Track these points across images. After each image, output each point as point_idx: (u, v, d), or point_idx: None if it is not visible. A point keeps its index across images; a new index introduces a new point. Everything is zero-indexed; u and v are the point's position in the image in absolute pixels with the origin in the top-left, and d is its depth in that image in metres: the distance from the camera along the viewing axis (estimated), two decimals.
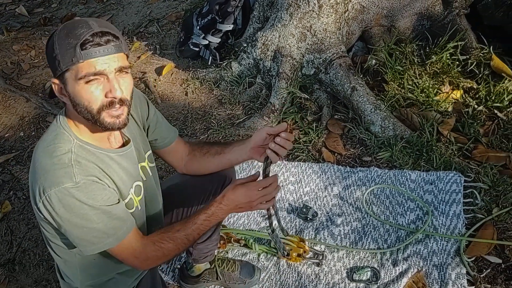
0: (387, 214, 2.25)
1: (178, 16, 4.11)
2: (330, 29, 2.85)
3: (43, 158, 1.25)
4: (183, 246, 1.41)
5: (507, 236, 2.04)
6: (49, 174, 1.22)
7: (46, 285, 2.18)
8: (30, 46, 4.20)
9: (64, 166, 1.23)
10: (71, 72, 1.19)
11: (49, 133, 1.31)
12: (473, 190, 2.25)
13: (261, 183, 1.41)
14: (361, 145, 2.65)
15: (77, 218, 1.24)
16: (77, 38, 1.16)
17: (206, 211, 1.42)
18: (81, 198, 1.22)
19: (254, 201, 1.41)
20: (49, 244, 1.43)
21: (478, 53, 2.84)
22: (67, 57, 1.17)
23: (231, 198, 1.41)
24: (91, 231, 1.27)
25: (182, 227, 1.40)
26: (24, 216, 2.54)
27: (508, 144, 2.45)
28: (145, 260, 1.38)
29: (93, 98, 1.22)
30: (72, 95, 1.23)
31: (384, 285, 1.94)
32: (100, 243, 1.29)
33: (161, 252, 1.37)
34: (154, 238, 1.39)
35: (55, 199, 1.21)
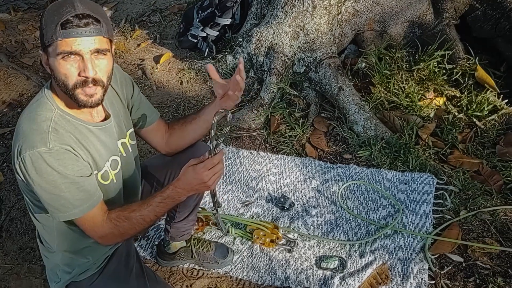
0: (360, 209, 2.35)
1: (180, 7, 4.22)
2: (322, 29, 2.95)
3: (24, 123, 1.34)
4: (139, 226, 1.46)
5: (471, 238, 2.14)
6: (27, 138, 1.30)
7: (30, 252, 2.28)
8: (35, 27, 4.30)
9: (41, 132, 1.31)
10: (52, 47, 1.28)
11: (33, 101, 1.40)
12: (444, 192, 2.34)
13: (207, 163, 1.41)
14: (343, 143, 2.75)
15: (46, 184, 1.32)
16: (59, 17, 1.24)
17: (162, 193, 1.47)
18: (52, 163, 1.30)
19: (207, 181, 1.42)
20: (29, 208, 1.52)
21: (464, 63, 2.94)
22: (49, 33, 1.26)
23: (184, 181, 1.45)
24: (58, 198, 1.35)
25: (138, 208, 1.46)
26: (15, 187, 2.64)
27: (483, 151, 2.55)
28: (103, 236, 1.45)
29: (68, 74, 1.30)
30: (52, 68, 1.32)
31: (349, 274, 2.03)
32: (66, 212, 1.37)
33: (117, 230, 1.44)
34: (111, 216, 1.45)
35: (28, 161, 1.29)
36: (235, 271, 2.10)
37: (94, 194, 1.42)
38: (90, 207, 1.40)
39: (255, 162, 2.67)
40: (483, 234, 2.15)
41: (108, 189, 1.53)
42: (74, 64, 1.30)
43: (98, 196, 1.43)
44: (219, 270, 2.11)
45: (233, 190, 2.52)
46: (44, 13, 1.30)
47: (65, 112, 1.39)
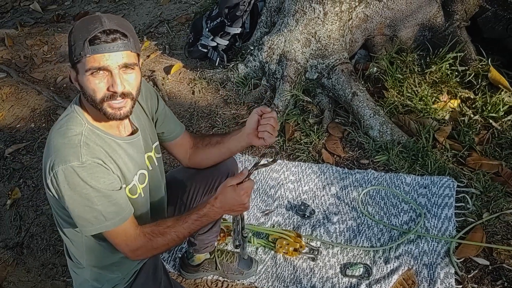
0: (381, 215, 2.34)
1: (188, 18, 4.23)
2: (334, 36, 2.96)
3: (55, 138, 1.36)
4: (172, 242, 1.47)
5: (496, 240, 2.13)
6: (59, 153, 1.32)
7: (52, 268, 2.27)
8: (43, 41, 4.32)
9: (73, 146, 1.33)
10: (81, 64, 1.30)
11: (63, 116, 1.42)
12: (465, 195, 2.33)
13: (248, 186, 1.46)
14: (360, 148, 2.74)
15: (79, 197, 1.32)
16: (88, 33, 1.26)
17: (198, 211, 1.48)
18: (85, 177, 1.31)
19: (246, 202, 1.47)
20: (58, 224, 1.52)
21: (477, 65, 2.93)
22: (77, 50, 1.28)
23: (222, 201, 1.46)
24: (91, 211, 1.35)
25: (173, 224, 1.46)
26: (33, 203, 2.64)
27: (502, 153, 2.54)
28: (135, 250, 1.45)
29: (96, 89, 1.31)
30: (81, 84, 1.33)
31: (376, 281, 2.03)
32: (98, 225, 1.37)
33: (150, 244, 1.44)
34: (145, 230, 1.45)
35: (61, 176, 1.30)
36: (260, 282, 2.10)
37: (126, 208, 1.43)
38: (122, 220, 1.41)
39: (273, 170, 2.67)
40: (508, 236, 2.14)
41: (136, 203, 1.53)
42: (103, 79, 1.31)
43: (129, 209, 1.44)
44: (243, 281, 2.10)
45: (252, 199, 2.51)
46: (72, 30, 1.32)
47: (95, 127, 1.40)
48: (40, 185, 2.76)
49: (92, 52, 1.27)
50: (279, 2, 3.28)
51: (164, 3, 4.68)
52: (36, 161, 2.95)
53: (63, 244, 2.29)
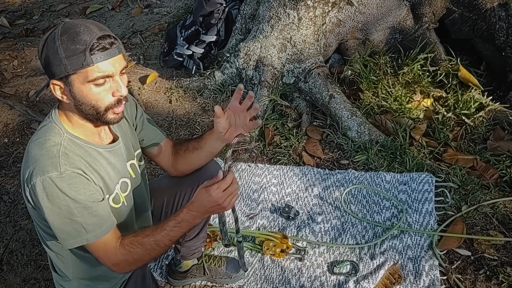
0: (364, 212, 2.38)
1: (161, 28, 4.23)
2: (309, 40, 3.01)
3: (33, 149, 1.31)
4: (153, 252, 1.41)
5: (476, 231, 2.20)
6: (37, 163, 1.27)
7: (35, 283, 2.21)
8: (13, 56, 4.23)
9: (51, 156, 1.29)
10: (79, 75, 1.26)
11: (41, 127, 1.38)
12: (443, 189, 2.40)
13: (221, 184, 1.38)
14: (339, 149, 2.79)
15: (58, 209, 1.28)
16: (84, 44, 1.23)
17: (176, 217, 1.42)
18: (63, 188, 1.27)
19: (222, 203, 1.39)
20: (41, 236, 1.48)
21: (447, 65, 3.04)
22: (75, 61, 1.23)
23: (198, 203, 1.41)
24: (71, 223, 1.31)
25: (151, 233, 1.41)
26: (10, 218, 2.57)
27: (475, 147, 2.63)
28: (116, 264, 1.40)
29: (100, 98, 1.30)
30: (78, 96, 1.29)
31: (363, 277, 2.05)
32: (78, 237, 1.33)
33: (131, 256, 1.39)
34: (124, 242, 1.40)
35: (39, 187, 1.26)
36: (249, 285, 2.09)
37: (108, 220, 1.38)
38: (103, 233, 1.36)
39: (254, 174, 2.68)
40: (487, 227, 2.21)
41: (120, 213, 1.51)
42: (106, 87, 1.30)
43: (112, 221, 1.40)
44: (232, 284, 2.10)
45: (236, 203, 2.51)
46: (55, 42, 1.24)
47: (74, 136, 1.37)
48: (17, 200, 2.69)
49: (95, 61, 1.24)
50: (253, 9, 3.33)
51: (135, 14, 4.66)
52: (11, 176, 2.88)
53: (47, 258, 2.24)
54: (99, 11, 4.95)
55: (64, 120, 1.37)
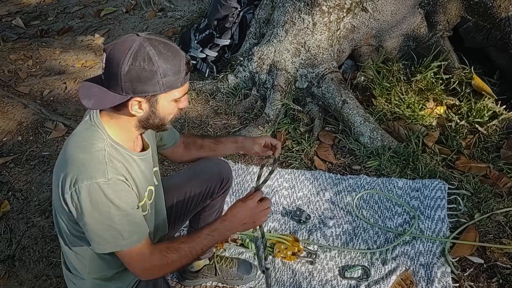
0: (376, 218, 2.38)
1: (174, 31, 4.26)
2: (323, 45, 3.02)
3: (77, 152, 1.32)
4: (186, 259, 1.44)
5: (488, 239, 2.18)
6: (83, 168, 1.28)
7: (46, 279, 2.22)
8: (27, 56, 4.28)
9: (98, 162, 1.30)
10: (168, 94, 1.32)
11: (82, 129, 1.38)
12: (456, 196, 2.39)
13: (255, 196, 1.47)
14: (351, 154, 2.79)
15: (99, 215, 1.30)
16: (178, 67, 1.29)
17: (210, 226, 1.47)
18: (109, 195, 1.28)
19: (255, 214, 1.47)
20: (64, 237, 1.48)
21: (460, 73, 3.03)
22: (171, 82, 1.29)
23: (232, 214, 1.46)
24: (109, 229, 1.32)
25: (186, 240, 1.45)
26: (23, 215, 2.59)
27: (488, 156, 2.62)
28: (149, 268, 1.41)
29: (172, 112, 1.39)
30: (159, 112, 1.35)
31: (374, 282, 2.05)
32: (114, 243, 1.35)
33: (165, 261, 1.41)
34: (160, 247, 1.43)
35: (84, 192, 1.27)
36: (260, 286, 2.09)
37: (143, 226, 1.41)
38: (139, 239, 1.38)
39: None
40: (499, 235, 2.20)
41: (146, 220, 1.51)
42: (180, 102, 1.39)
43: (145, 228, 1.42)
44: (243, 286, 2.09)
45: None
46: (153, 66, 1.26)
47: (115, 142, 1.38)
48: (30, 197, 2.71)
49: (186, 81, 1.34)
50: (268, 13, 3.35)
51: (149, 17, 4.71)
52: (25, 173, 2.90)
53: (58, 255, 2.27)
54: (113, 13, 5.01)
55: (108, 125, 1.38)
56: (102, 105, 1.31)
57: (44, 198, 2.69)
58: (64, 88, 3.72)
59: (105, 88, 1.30)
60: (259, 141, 1.80)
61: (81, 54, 4.24)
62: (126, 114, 1.35)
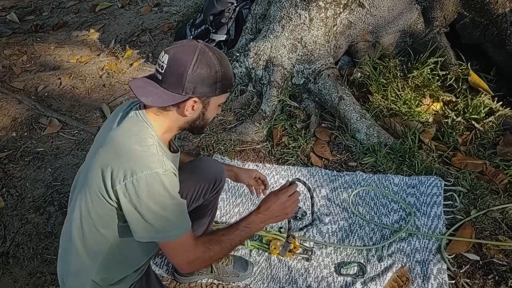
0: (372, 214, 2.37)
1: (170, 26, 4.24)
2: (319, 41, 3.01)
3: (131, 144, 1.37)
4: (226, 251, 1.51)
5: (484, 236, 2.18)
6: (141, 159, 1.34)
7: (40, 277, 2.21)
8: (22, 51, 4.25)
9: (154, 154, 1.36)
10: (219, 97, 1.46)
11: (132, 125, 1.43)
12: (452, 193, 2.39)
13: (289, 189, 1.61)
14: (347, 151, 2.78)
15: (155, 204, 1.35)
16: (231, 74, 1.46)
17: (247, 219, 1.56)
18: (166, 185, 1.35)
19: (287, 207, 1.59)
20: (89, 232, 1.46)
21: (457, 69, 3.03)
22: (225, 87, 1.44)
23: (266, 206, 1.57)
24: (162, 219, 1.37)
25: (226, 232, 1.52)
26: (17, 212, 2.57)
27: (485, 152, 2.62)
28: (193, 261, 1.45)
29: (213, 116, 1.53)
30: (207, 113, 1.48)
31: (370, 279, 2.04)
32: (164, 233, 1.39)
33: (208, 254, 1.46)
34: (203, 239, 1.48)
35: (143, 181, 1.32)
36: (256, 283, 2.08)
37: (188, 218, 1.46)
38: (185, 230, 1.42)
39: None
40: (496, 232, 2.20)
41: None
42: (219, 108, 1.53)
43: (189, 220, 1.46)
44: (239, 283, 2.09)
45: (243, 203, 2.51)
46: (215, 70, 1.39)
47: (160, 140, 1.45)
48: (24, 194, 2.69)
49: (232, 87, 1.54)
50: (264, 9, 3.33)
51: (145, 12, 4.67)
52: (19, 170, 2.88)
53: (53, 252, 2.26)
54: (109, 8, 4.97)
55: (156, 122, 1.44)
56: (162, 102, 1.38)
57: (39, 194, 2.67)
58: (59, 84, 3.69)
59: (162, 88, 1.38)
60: (252, 174, 1.97)
61: (76, 50, 4.21)
62: (176, 114, 1.43)
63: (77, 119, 3.29)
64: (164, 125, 1.45)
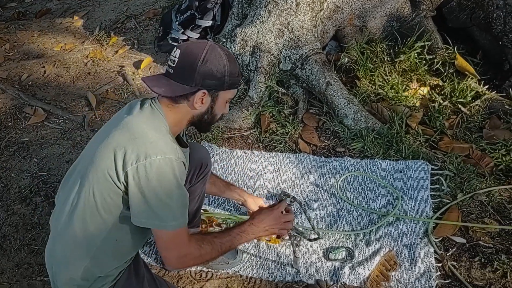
0: (359, 199, 2.38)
1: (155, 12, 4.17)
2: (306, 26, 2.98)
3: (147, 129, 1.41)
4: (215, 253, 1.54)
5: (471, 219, 2.20)
6: (156, 144, 1.38)
7: (28, 268, 2.19)
8: (4, 39, 4.16)
9: (169, 142, 1.41)
10: (226, 92, 1.51)
11: (148, 113, 1.47)
12: (439, 177, 2.41)
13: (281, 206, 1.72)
14: (335, 137, 2.78)
15: (161, 190, 1.37)
16: (238, 71, 1.51)
17: (240, 227, 1.62)
18: (176, 172, 1.38)
19: (278, 223, 1.69)
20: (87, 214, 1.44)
21: (444, 53, 3.03)
22: (233, 82, 1.49)
23: (260, 218, 1.66)
24: (165, 207, 1.39)
25: (219, 235, 1.57)
26: (3, 203, 2.54)
27: (471, 136, 2.64)
28: (184, 256, 1.47)
29: (220, 113, 1.57)
30: (215, 107, 1.53)
31: (359, 263, 2.06)
32: (163, 221, 1.40)
33: (199, 252, 1.48)
34: (196, 237, 1.51)
35: (155, 165, 1.35)
36: (245, 270, 2.09)
37: (187, 213, 1.47)
38: (183, 223, 1.44)
39: (250, 161, 2.67)
40: (482, 214, 2.22)
41: None
42: (226, 106, 1.58)
43: (187, 216, 1.48)
44: (228, 270, 2.09)
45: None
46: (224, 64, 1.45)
47: (170, 131, 1.48)
48: (10, 184, 2.66)
49: (240, 84, 1.57)
50: None
51: None
52: (4, 160, 2.84)
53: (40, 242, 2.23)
54: None
55: (168, 114, 1.49)
56: (173, 92, 1.44)
57: (24, 185, 2.64)
58: (43, 72, 3.63)
59: (174, 81, 1.45)
60: (258, 202, 2.13)
61: (60, 37, 4.13)
62: (186, 107, 1.48)
63: (62, 108, 3.25)
64: (175, 118, 1.50)
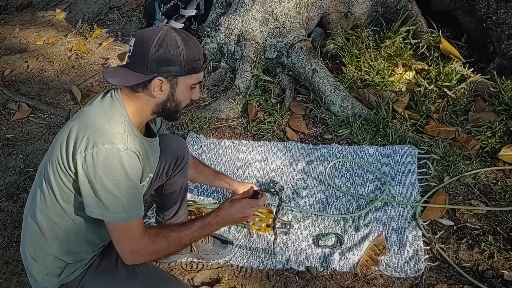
0: (348, 186, 2.39)
1: (138, 3, 4.13)
2: (291, 13, 2.97)
3: (99, 118, 1.38)
4: (173, 248, 1.50)
5: (458, 201, 2.23)
6: (105, 133, 1.34)
7: (17, 265, 2.18)
8: None
9: (120, 132, 1.37)
10: (187, 78, 1.43)
11: (104, 103, 1.44)
12: (426, 161, 2.42)
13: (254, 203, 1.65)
14: (322, 124, 2.79)
15: (109, 181, 1.33)
16: (199, 54, 1.43)
17: (203, 219, 1.57)
18: (124, 164, 1.34)
19: (247, 216, 1.64)
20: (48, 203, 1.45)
21: (428, 37, 3.03)
22: (192, 66, 1.41)
23: (228, 212, 1.59)
24: (114, 198, 1.35)
25: (177, 229, 1.52)
26: None
27: (457, 119, 2.65)
28: (136, 251, 1.44)
29: (186, 99, 1.50)
30: (176, 94, 1.45)
31: (348, 249, 2.07)
32: (113, 213, 1.37)
33: (153, 247, 1.45)
34: (151, 231, 1.46)
35: (102, 155, 1.31)
36: (235, 259, 2.10)
37: (141, 205, 1.44)
38: (135, 217, 1.41)
39: (239, 151, 2.66)
40: (468, 197, 2.24)
41: None
42: (193, 91, 1.50)
43: (142, 208, 1.45)
44: (219, 260, 2.09)
45: None
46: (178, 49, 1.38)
47: (131, 122, 1.44)
48: None
49: (203, 69, 1.49)
50: None
51: None
52: None
53: None
54: None
55: (128, 104, 1.44)
56: (127, 82, 1.39)
57: (11, 182, 2.62)
58: (26, 67, 3.58)
59: (131, 70, 1.40)
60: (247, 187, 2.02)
61: (43, 31, 4.07)
62: (146, 96, 1.43)
63: (47, 102, 3.21)
64: (136, 108, 1.45)
